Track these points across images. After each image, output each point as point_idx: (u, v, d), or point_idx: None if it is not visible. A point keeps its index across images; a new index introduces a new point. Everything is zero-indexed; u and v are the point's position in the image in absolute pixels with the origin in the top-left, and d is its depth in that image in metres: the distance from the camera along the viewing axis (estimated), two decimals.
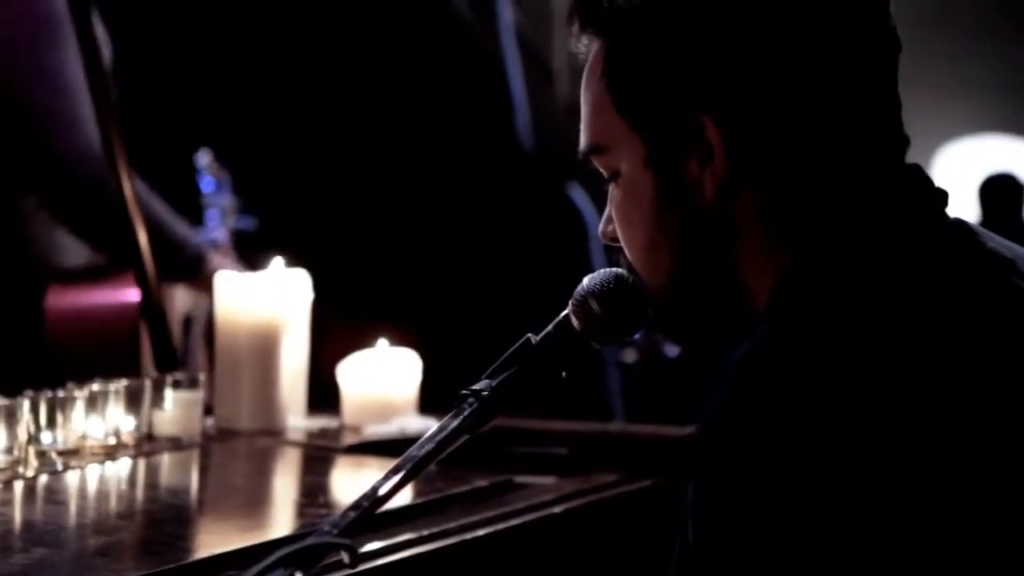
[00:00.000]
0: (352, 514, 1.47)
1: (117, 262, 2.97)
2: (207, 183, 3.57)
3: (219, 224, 3.53)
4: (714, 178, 1.54)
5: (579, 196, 4.33)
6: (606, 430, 2.75)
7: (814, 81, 1.53)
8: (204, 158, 3.60)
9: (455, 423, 1.63)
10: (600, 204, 4.45)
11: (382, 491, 1.51)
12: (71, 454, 2.29)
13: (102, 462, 2.32)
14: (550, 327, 1.72)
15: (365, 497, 1.50)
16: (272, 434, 2.64)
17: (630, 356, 4.49)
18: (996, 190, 7.68)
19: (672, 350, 4.27)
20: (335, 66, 4.67)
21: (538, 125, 4.34)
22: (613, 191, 1.64)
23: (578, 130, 1.66)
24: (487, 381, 1.67)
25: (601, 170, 1.65)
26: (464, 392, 1.66)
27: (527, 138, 4.31)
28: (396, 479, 1.54)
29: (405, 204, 4.72)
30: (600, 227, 1.68)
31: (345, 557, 1.44)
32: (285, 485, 2.50)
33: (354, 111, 4.69)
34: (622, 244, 1.64)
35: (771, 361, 1.44)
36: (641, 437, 2.64)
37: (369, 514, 1.48)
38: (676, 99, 1.54)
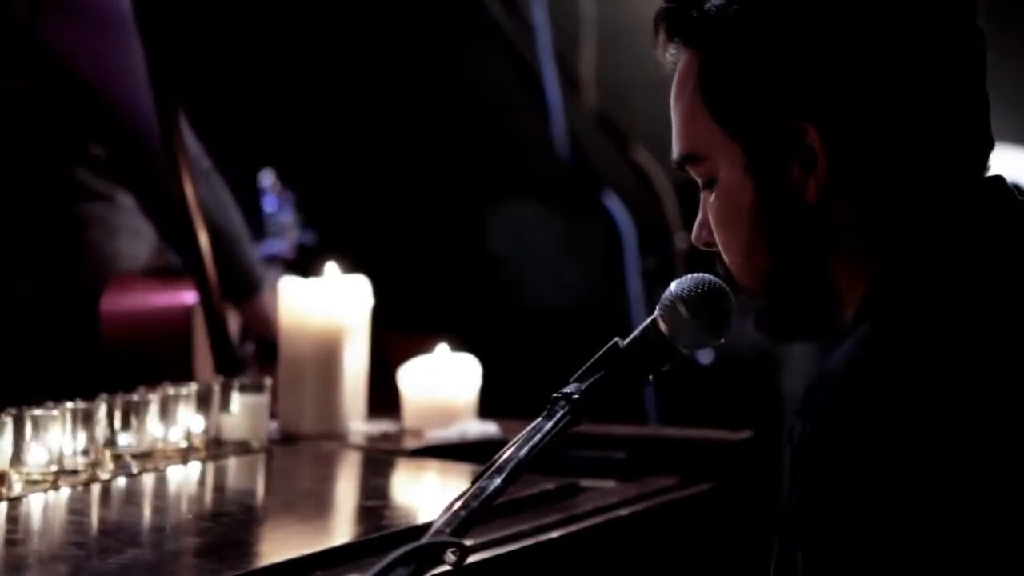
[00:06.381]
0: (463, 514, 1.50)
1: (176, 265, 3.00)
2: (270, 202, 3.59)
3: (282, 240, 3.54)
4: (817, 182, 1.56)
5: (613, 204, 4.35)
6: (662, 434, 2.78)
7: (910, 84, 1.56)
8: (268, 178, 3.62)
9: (548, 425, 1.65)
10: (631, 211, 4.42)
11: (489, 491, 1.54)
12: (145, 457, 2.32)
13: (175, 465, 2.35)
14: (637, 331, 1.73)
15: (473, 497, 1.53)
16: (335, 438, 2.67)
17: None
18: None
19: (706, 357, 4.29)
20: (385, 83, 4.72)
21: (571, 133, 4.36)
22: (708, 198, 1.65)
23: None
24: (576, 384, 1.69)
25: (696, 178, 1.67)
26: (555, 395, 1.68)
27: (563, 146, 4.33)
28: (499, 480, 1.57)
29: (444, 211, 4.77)
30: (694, 233, 1.69)
31: (450, 556, 1.46)
32: (354, 489, 2.52)
33: (403, 126, 4.74)
34: (719, 249, 1.66)
35: (866, 376, 1.46)
36: (697, 441, 2.66)
37: (479, 514, 1.51)
38: (776, 105, 1.56)
